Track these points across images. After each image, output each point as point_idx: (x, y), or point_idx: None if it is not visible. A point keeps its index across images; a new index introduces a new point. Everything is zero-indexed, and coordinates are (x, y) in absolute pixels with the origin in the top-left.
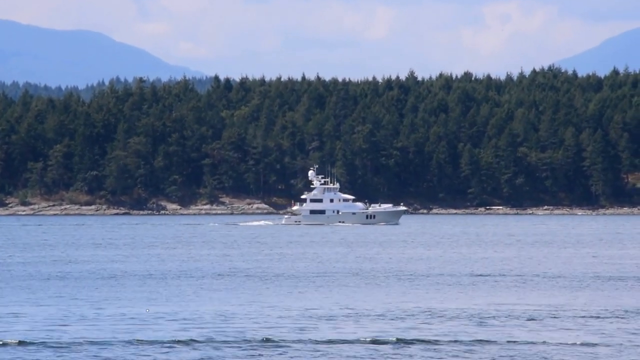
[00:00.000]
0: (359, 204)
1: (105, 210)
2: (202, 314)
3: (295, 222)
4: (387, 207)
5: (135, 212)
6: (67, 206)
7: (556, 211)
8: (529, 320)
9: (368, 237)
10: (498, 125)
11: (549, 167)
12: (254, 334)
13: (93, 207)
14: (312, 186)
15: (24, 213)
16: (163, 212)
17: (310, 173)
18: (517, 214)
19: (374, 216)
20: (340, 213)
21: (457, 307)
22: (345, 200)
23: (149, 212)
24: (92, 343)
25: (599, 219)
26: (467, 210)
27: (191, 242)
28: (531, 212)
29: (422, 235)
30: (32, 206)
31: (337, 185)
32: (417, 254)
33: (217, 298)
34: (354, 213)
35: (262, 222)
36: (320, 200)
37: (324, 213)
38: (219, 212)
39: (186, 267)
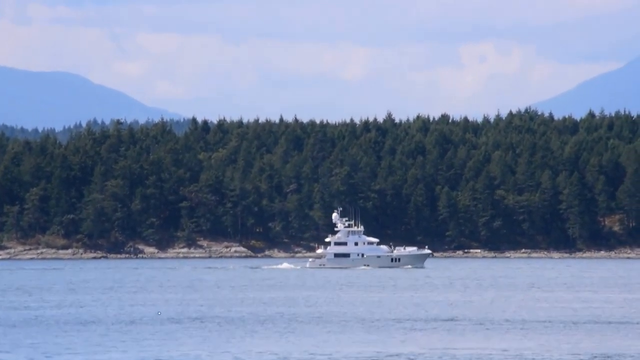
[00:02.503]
0: (384, 247)
1: (82, 254)
2: None
3: (320, 265)
4: (412, 250)
5: (112, 255)
6: (44, 250)
7: (534, 254)
8: None
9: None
10: (475, 167)
11: (526, 210)
12: None
13: (70, 251)
14: (335, 229)
15: None
16: (141, 255)
17: (334, 216)
18: (495, 257)
19: (399, 259)
20: (365, 256)
21: None
22: (370, 243)
23: (127, 255)
24: None
25: (581, 262)
26: (445, 254)
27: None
28: (509, 255)
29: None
30: (8, 250)
31: (361, 228)
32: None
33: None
34: (378, 256)
35: (284, 265)
36: (344, 244)
37: (349, 256)
38: (197, 255)
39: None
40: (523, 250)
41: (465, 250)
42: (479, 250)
